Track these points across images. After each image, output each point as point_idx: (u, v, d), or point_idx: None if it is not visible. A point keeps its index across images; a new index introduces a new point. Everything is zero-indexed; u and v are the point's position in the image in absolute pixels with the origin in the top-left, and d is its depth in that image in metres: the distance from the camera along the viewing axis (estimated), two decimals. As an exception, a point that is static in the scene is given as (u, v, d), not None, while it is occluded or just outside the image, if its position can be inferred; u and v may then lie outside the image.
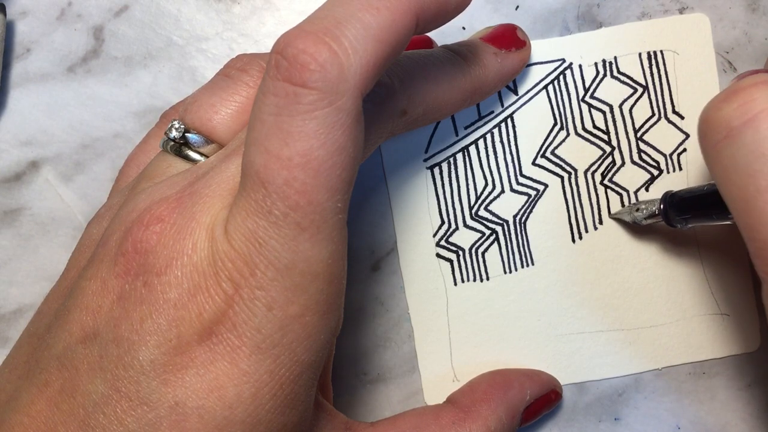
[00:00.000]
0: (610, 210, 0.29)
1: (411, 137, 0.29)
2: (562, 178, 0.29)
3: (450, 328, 0.29)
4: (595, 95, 0.29)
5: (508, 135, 0.29)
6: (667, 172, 0.29)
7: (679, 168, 0.29)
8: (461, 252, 0.29)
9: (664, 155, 0.29)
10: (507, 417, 0.26)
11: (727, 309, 0.29)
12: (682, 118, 0.29)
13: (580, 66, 0.29)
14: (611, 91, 0.29)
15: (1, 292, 0.29)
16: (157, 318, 0.19)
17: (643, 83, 0.29)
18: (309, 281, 0.19)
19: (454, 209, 0.29)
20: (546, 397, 0.27)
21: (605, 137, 0.29)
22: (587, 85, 0.29)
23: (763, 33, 0.29)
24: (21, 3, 0.29)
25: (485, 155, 0.29)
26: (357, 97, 0.18)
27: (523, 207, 0.29)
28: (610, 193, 0.29)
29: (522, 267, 0.29)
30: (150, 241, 0.19)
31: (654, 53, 0.29)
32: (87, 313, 0.20)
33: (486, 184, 0.29)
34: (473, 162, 0.29)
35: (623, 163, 0.29)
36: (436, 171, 0.29)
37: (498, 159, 0.29)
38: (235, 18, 0.29)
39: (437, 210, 0.29)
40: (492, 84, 0.26)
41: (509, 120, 0.29)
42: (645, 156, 0.29)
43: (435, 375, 0.28)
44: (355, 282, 0.29)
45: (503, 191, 0.29)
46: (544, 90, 0.29)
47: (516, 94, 0.29)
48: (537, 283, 0.29)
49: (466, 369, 0.28)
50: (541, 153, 0.29)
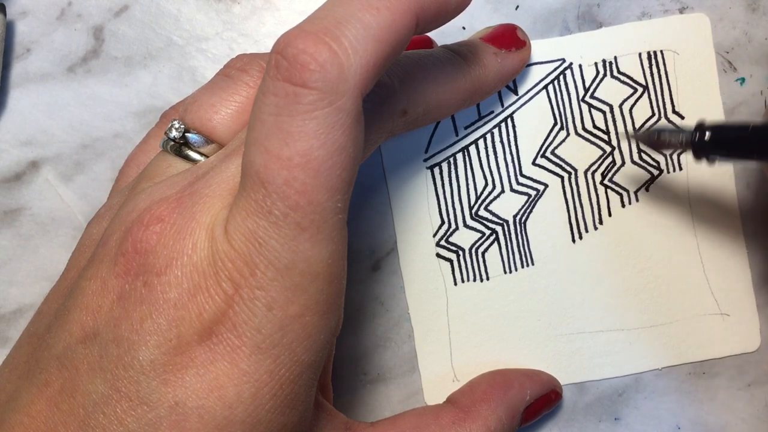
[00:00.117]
0: (610, 210, 0.29)
1: (411, 137, 0.29)
2: (562, 178, 0.29)
3: (450, 328, 0.29)
4: (595, 95, 0.29)
5: (508, 135, 0.29)
6: (668, 172, 0.29)
7: (680, 168, 0.29)
8: (461, 252, 0.29)
9: (664, 155, 0.29)
10: (507, 417, 0.26)
11: (727, 309, 0.29)
12: (682, 117, 0.29)
13: (580, 66, 0.29)
14: (611, 91, 0.29)
15: (1, 292, 0.29)
16: (157, 318, 0.19)
17: (643, 83, 0.29)
18: (309, 281, 0.19)
19: (454, 209, 0.29)
20: (546, 397, 0.27)
21: (605, 137, 0.29)
22: (587, 85, 0.29)
23: (763, 33, 0.29)
24: (21, 3, 0.29)
25: (485, 155, 0.29)
26: (357, 97, 0.18)
27: (523, 207, 0.29)
28: (610, 193, 0.29)
29: (522, 267, 0.29)
30: (150, 241, 0.19)
31: (654, 53, 0.29)
32: (87, 313, 0.20)
33: (486, 184, 0.29)
34: (473, 162, 0.29)
35: (623, 163, 0.29)
36: (436, 171, 0.29)
37: (498, 159, 0.29)
38: (235, 18, 0.29)
39: (437, 210, 0.29)
40: (492, 84, 0.26)
41: (509, 120, 0.29)
42: (645, 156, 0.29)
43: (435, 375, 0.28)
44: (355, 282, 0.29)
45: (503, 191, 0.29)
46: (544, 90, 0.29)
47: (516, 94, 0.29)
48: (537, 283, 0.29)
49: (466, 369, 0.28)
50: (541, 153, 0.29)
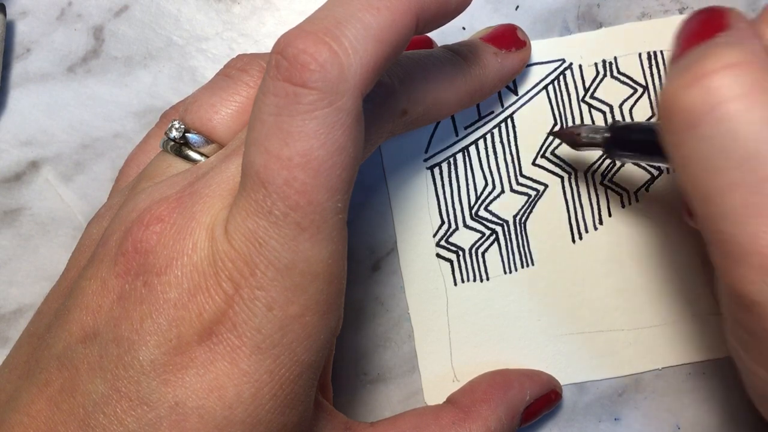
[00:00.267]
0: (610, 210, 0.29)
1: (411, 137, 0.29)
2: (562, 178, 0.29)
3: (450, 328, 0.29)
4: (595, 95, 0.29)
5: (508, 135, 0.29)
6: (667, 172, 0.29)
7: (679, 168, 0.29)
8: (461, 252, 0.29)
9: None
10: (507, 417, 0.26)
11: (727, 309, 0.29)
12: (682, 118, 0.29)
13: (580, 66, 0.29)
14: (611, 91, 0.29)
15: (1, 292, 0.29)
16: (157, 318, 0.19)
17: (643, 83, 0.29)
18: (309, 281, 0.19)
19: (454, 209, 0.29)
20: (546, 397, 0.27)
21: (605, 137, 0.29)
22: (587, 85, 0.29)
23: (763, 33, 0.29)
24: (21, 3, 0.29)
25: (485, 155, 0.29)
26: (357, 97, 0.18)
27: (523, 207, 0.29)
28: (610, 193, 0.29)
29: (522, 267, 0.29)
30: (150, 241, 0.19)
31: (654, 53, 0.29)
32: (87, 313, 0.20)
33: (486, 184, 0.29)
34: (473, 162, 0.29)
35: (623, 163, 0.29)
36: (436, 171, 0.29)
37: (498, 159, 0.29)
38: (235, 18, 0.29)
39: (437, 210, 0.29)
40: (492, 84, 0.26)
41: (509, 120, 0.29)
42: (645, 156, 0.29)
43: (435, 375, 0.28)
44: (355, 282, 0.29)
45: (503, 191, 0.29)
46: (544, 90, 0.29)
47: (516, 94, 0.29)
48: (537, 283, 0.29)
49: (466, 369, 0.28)
50: (541, 153, 0.29)
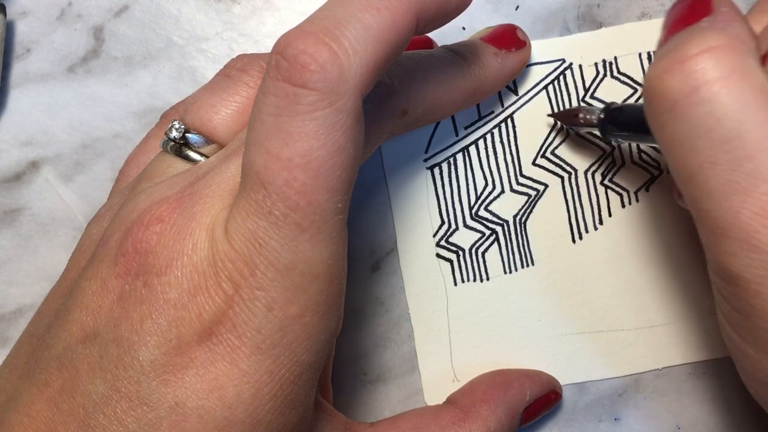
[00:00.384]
0: (610, 210, 0.29)
1: (411, 137, 0.29)
2: (562, 178, 0.29)
3: (450, 328, 0.29)
4: (596, 95, 0.29)
5: (508, 135, 0.29)
6: (667, 172, 0.29)
7: (679, 168, 0.29)
8: (461, 252, 0.29)
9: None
10: (507, 417, 0.26)
11: (727, 309, 0.29)
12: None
13: (580, 66, 0.29)
14: (611, 91, 0.29)
15: (1, 292, 0.29)
16: (157, 318, 0.19)
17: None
18: (309, 282, 0.19)
19: (454, 209, 0.29)
20: (546, 398, 0.27)
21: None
22: (587, 85, 0.29)
23: (764, 33, 0.29)
24: (21, 3, 0.29)
25: (485, 155, 0.29)
26: (357, 98, 0.18)
27: (523, 207, 0.29)
28: (610, 193, 0.29)
29: (522, 267, 0.29)
30: (150, 242, 0.19)
31: (654, 53, 0.29)
32: (87, 313, 0.20)
33: (486, 184, 0.29)
34: (473, 162, 0.29)
35: (623, 163, 0.29)
36: (436, 171, 0.29)
37: (498, 159, 0.29)
38: (235, 18, 0.29)
39: (437, 210, 0.29)
40: (492, 84, 0.26)
41: (509, 120, 0.29)
42: (645, 156, 0.29)
43: (435, 375, 0.28)
44: (355, 282, 0.29)
45: (503, 191, 0.29)
46: (544, 90, 0.29)
47: (516, 94, 0.29)
48: (537, 283, 0.29)
49: (466, 369, 0.28)
50: (541, 153, 0.29)
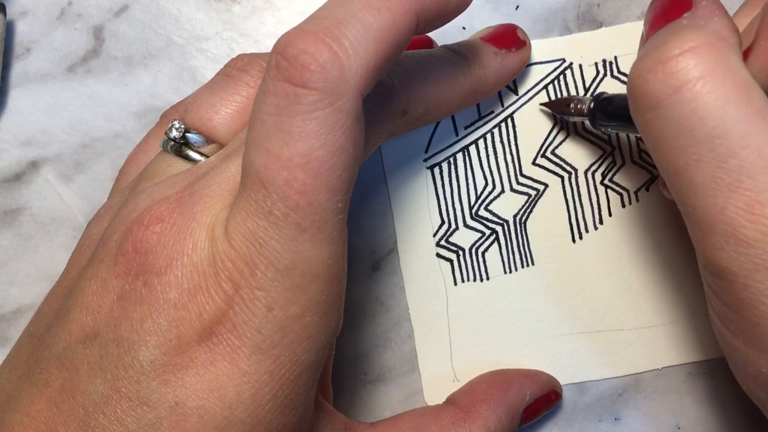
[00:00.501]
0: (610, 210, 0.29)
1: (411, 137, 0.29)
2: (562, 178, 0.29)
3: (450, 328, 0.29)
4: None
5: (508, 135, 0.29)
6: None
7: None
8: (461, 252, 0.29)
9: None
10: (506, 417, 0.26)
11: (727, 309, 0.28)
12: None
13: (580, 66, 0.29)
14: (611, 91, 0.28)
15: (1, 292, 0.29)
16: (157, 318, 0.19)
17: (643, 83, 0.29)
18: (309, 282, 0.19)
19: (454, 209, 0.29)
20: (546, 398, 0.27)
21: (605, 137, 0.29)
22: (587, 85, 0.29)
23: (764, 33, 0.29)
24: (21, 3, 0.29)
25: (485, 155, 0.29)
26: (357, 98, 0.18)
27: (523, 207, 0.29)
28: (610, 193, 0.29)
29: (522, 267, 0.29)
30: (150, 241, 0.19)
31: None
32: (87, 313, 0.20)
33: (486, 183, 0.29)
34: (473, 162, 0.29)
35: (623, 163, 0.29)
36: (436, 171, 0.29)
37: (498, 159, 0.29)
38: (235, 18, 0.29)
39: (437, 210, 0.29)
40: (492, 84, 0.26)
41: (509, 120, 0.29)
42: (645, 155, 0.29)
43: (435, 375, 0.28)
44: (355, 282, 0.29)
45: (503, 191, 0.29)
46: (544, 90, 0.29)
47: (516, 94, 0.29)
48: (537, 283, 0.29)
49: (466, 369, 0.28)
50: (541, 153, 0.29)
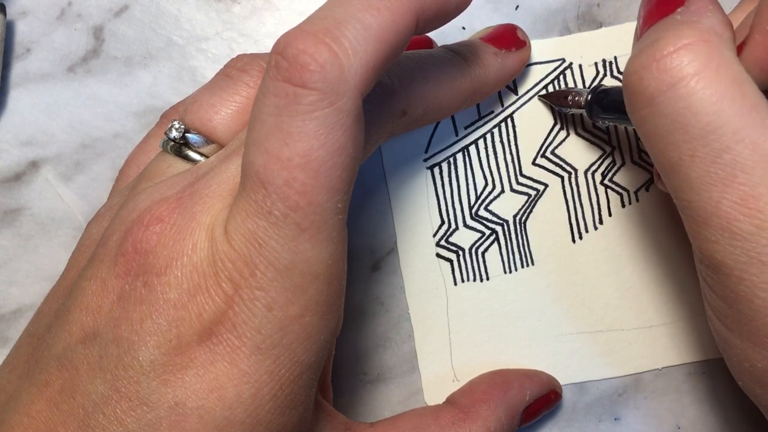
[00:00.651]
0: (610, 210, 0.29)
1: (411, 137, 0.29)
2: (562, 178, 0.29)
3: (450, 328, 0.29)
4: (595, 95, 0.29)
5: (508, 135, 0.29)
6: (667, 172, 0.29)
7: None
8: (461, 252, 0.29)
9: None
10: (506, 417, 0.26)
11: (727, 309, 0.28)
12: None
13: (580, 66, 0.29)
14: (611, 91, 0.29)
15: (1, 292, 0.29)
16: (157, 318, 0.19)
17: (643, 83, 0.29)
18: (309, 282, 0.19)
19: (454, 209, 0.29)
20: (546, 398, 0.27)
21: (605, 137, 0.29)
22: (587, 85, 0.29)
23: (764, 33, 0.29)
24: (21, 3, 0.29)
25: (485, 155, 0.29)
26: (357, 98, 0.18)
27: (523, 207, 0.29)
28: (610, 193, 0.29)
29: (522, 267, 0.29)
30: (150, 242, 0.19)
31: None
32: (87, 314, 0.20)
33: (486, 184, 0.29)
34: (473, 162, 0.29)
35: (623, 163, 0.29)
36: (436, 171, 0.29)
37: (498, 159, 0.29)
38: (235, 18, 0.29)
39: (437, 210, 0.29)
40: (492, 84, 0.26)
41: (509, 120, 0.29)
42: (645, 156, 0.29)
43: (435, 375, 0.28)
44: (355, 282, 0.29)
45: (503, 191, 0.29)
46: (544, 90, 0.29)
47: (516, 93, 0.29)
48: (537, 283, 0.29)
49: (466, 369, 0.28)
50: (541, 153, 0.29)
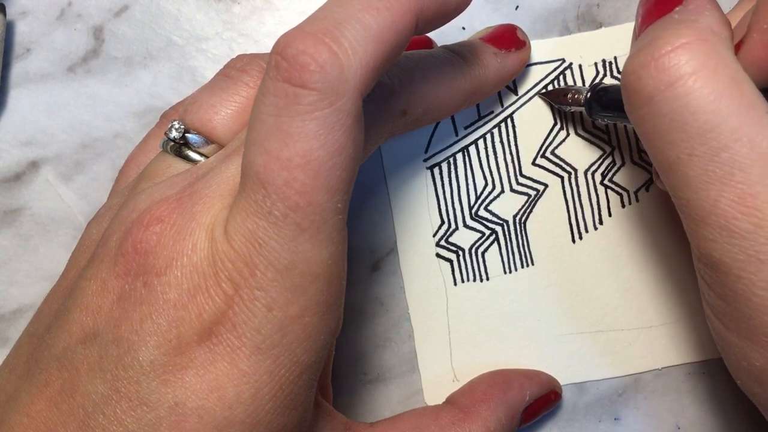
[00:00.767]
0: (610, 210, 0.29)
1: (411, 137, 0.29)
2: (562, 178, 0.29)
3: (450, 328, 0.29)
4: (595, 95, 0.29)
5: (508, 135, 0.29)
6: (667, 172, 0.29)
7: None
8: (461, 252, 0.29)
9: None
10: (506, 417, 0.26)
11: (727, 309, 0.28)
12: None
13: (580, 66, 0.29)
14: (611, 91, 0.29)
15: (1, 292, 0.29)
16: (157, 318, 0.19)
17: (643, 83, 0.29)
18: (309, 282, 0.19)
19: (454, 209, 0.29)
20: (545, 398, 0.27)
21: (605, 137, 0.29)
22: (587, 85, 0.29)
23: (764, 33, 0.29)
24: (21, 3, 0.29)
25: (485, 155, 0.29)
26: (357, 98, 0.18)
27: (523, 207, 0.29)
28: (610, 193, 0.29)
29: (522, 267, 0.29)
30: (150, 242, 0.19)
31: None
32: (87, 314, 0.20)
33: (486, 184, 0.29)
34: (473, 162, 0.29)
35: (623, 163, 0.29)
36: (436, 171, 0.29)
37: (498, 159, 0.29)
38: (235, 18, 0.29)
39: (437, 210, 0.29)
40: (492, 84, 0.26)
41: (509, 120, 0.29)
42: (645, 156, 0.29)
43: (435, 375, 0.28)
44: (355, 282, 0.29)
45: (503, 191, 0.29)
46: (544, 90, 0.29)
47: (516, 94, 0.29)
48: (537, 283, 0.29)
49: (466, 369, 0.28)
50: (541, 153, 0.29)
